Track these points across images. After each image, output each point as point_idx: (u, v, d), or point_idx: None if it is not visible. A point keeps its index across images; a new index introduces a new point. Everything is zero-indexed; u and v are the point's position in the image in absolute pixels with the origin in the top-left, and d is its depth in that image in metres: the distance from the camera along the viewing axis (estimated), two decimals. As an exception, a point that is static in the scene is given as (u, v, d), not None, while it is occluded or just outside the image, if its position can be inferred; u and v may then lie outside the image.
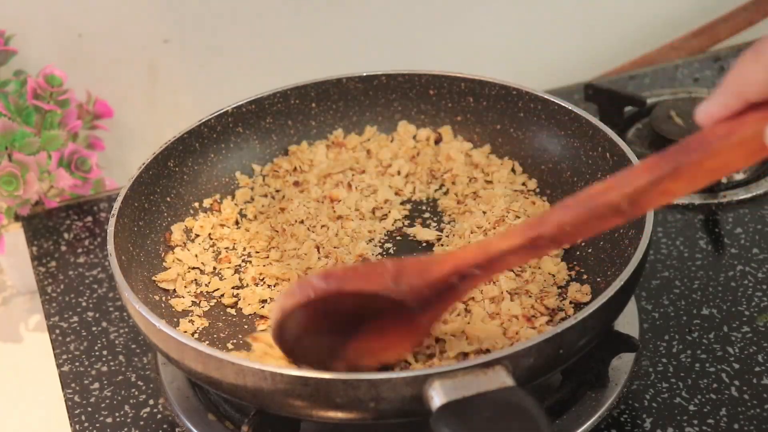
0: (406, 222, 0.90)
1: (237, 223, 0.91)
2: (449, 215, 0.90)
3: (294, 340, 0.70)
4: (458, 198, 0.91)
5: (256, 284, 0.84)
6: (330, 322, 0.68)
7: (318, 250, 0.85)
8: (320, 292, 0.66)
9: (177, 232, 0.88)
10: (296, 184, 0.93)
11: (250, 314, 0.82)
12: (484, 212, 0.88)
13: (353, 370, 0.69)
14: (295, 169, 0.95)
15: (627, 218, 0.62)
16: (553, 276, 0.82)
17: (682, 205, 0.98)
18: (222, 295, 0.83)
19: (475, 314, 0.76)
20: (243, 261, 0.87)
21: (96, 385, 0.85)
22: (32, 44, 1.12)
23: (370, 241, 0.87)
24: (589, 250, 0.84)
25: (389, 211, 0.90)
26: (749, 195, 0.99)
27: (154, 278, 0.83)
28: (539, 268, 0.83)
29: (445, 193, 0.93)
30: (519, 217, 0.86)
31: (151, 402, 0.83)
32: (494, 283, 0.79)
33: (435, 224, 0.89)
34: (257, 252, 0.87)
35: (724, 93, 0.59)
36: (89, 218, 1.05)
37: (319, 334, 0.69)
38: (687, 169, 0.59)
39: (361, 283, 0.67)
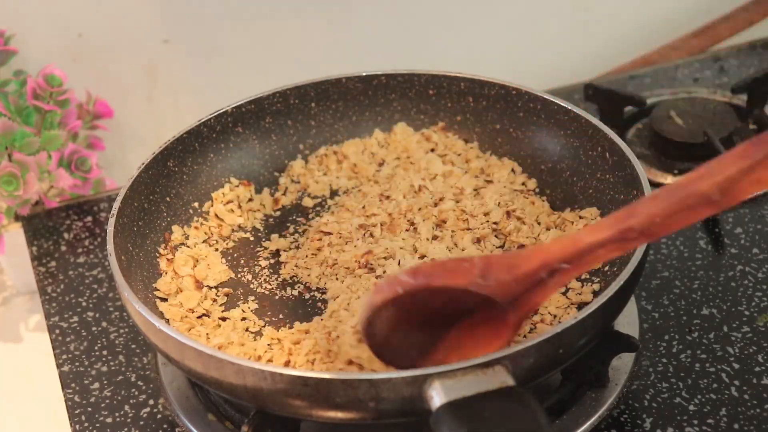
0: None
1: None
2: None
3: (383, 337, 0.68)
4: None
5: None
6: (418, 320, 0.67)
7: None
8: (409, 287, 0.65)
9: (177, 232, 0.88)
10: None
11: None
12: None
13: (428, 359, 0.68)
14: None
15: (719, 209, 0.61)
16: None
17: (682, 205, 0.98)
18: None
19: None
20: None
21: (96, 385, 0.85)
22: (32, 44, 1.12)
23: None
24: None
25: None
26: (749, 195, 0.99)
27: (154, 284, 0.83)
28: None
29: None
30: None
31: (151, 402, 0.83)
32: None
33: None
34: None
35: None
36: (89, 218, 1.05)
37: (408, 332, 0.68)
38: None
39: (449, 279, 0.65)
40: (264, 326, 0.80)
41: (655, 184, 1.01)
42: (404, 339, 0.69)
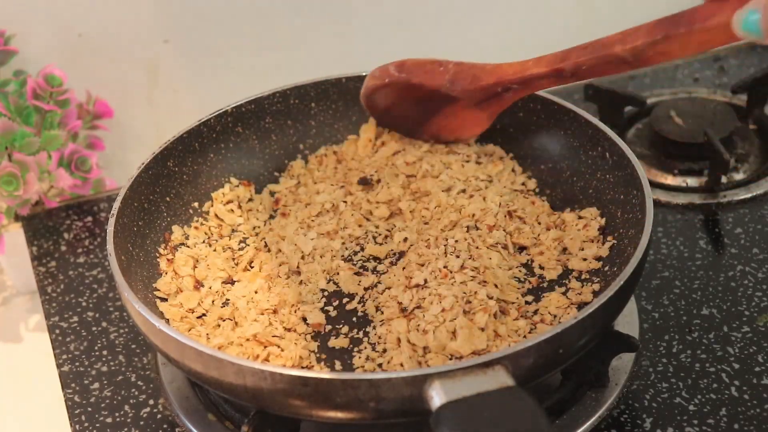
0: None
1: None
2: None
3: (382, 109, 0.92)
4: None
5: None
6: (411, 98, 0.89)
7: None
8: (393, 78, 0.88)
9: (177, 232, 0.88)
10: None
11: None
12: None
13: (436, 140, 0.92)
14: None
15: (634, 68, 0.76)
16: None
17: (682, 205, 0.99)
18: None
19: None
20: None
21: (96, 385, 0.85)
22: (32, 44, 1.12)
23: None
24: (589, 250, 0.84)
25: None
26: (749, 195, 0.99)
27: (154, 284, 0.83)
28: (542, 268, 0.83)
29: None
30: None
31: (151, 402, 0.83)
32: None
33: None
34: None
35: None
36: (89, 218, 1.05)
37: (404, 107, 0.90)
38: (676, 38, 0.72)
39: (425, 78, 0.87)
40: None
41: (655, 184, 1.01)
42: (401, 111, 0.91)
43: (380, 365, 0.74)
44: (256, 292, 0.82)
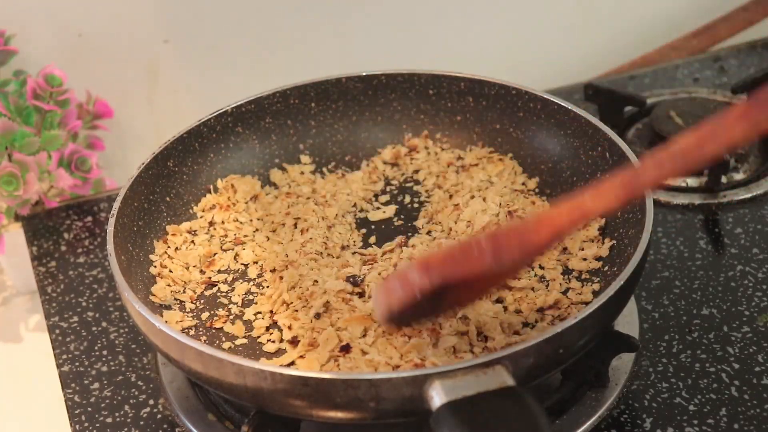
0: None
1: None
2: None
3: (400, 321, 0.70)
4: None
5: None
6: (443, 296, 0.68)
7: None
8: (426, 290, 0.66)
9: (176, 232, 0.88)
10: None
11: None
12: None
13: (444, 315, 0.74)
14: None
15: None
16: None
17: (682, 205, 0.99)
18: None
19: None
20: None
21: (96, 385, 0.85)
22: (32, 44, 1.12)
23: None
24: (589, 250, 0.84)
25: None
26: (749, 195, 0.99)
27: (152, 287, 0.83)
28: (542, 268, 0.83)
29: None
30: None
31: (151, 402, 0.83)
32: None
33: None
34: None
35: None
36: (89, 218, 1.05)
37: (423, 308, 0.69)
38: None
39: (463, 269, 0.66)
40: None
41: (655, 184, 1.01)
42: (420, 312, 0.69)
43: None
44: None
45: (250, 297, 0.83)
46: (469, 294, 0.70)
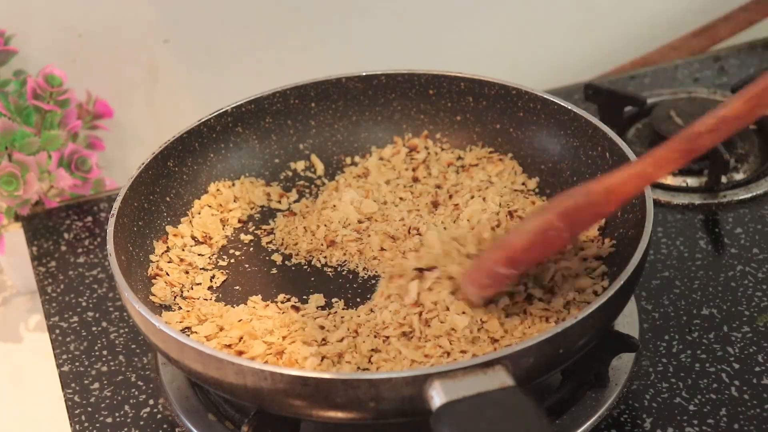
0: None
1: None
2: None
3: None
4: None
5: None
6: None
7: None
8: (515, 278, 0.74)
9: (175, 233, 0.88)
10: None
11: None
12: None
13: None
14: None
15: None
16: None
17: (682, 205, 0.98)
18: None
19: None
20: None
21: (96, 385, 0.85)
22: (32, 44, 1.12)
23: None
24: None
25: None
26: (749, 195, 0.99)
27: (151, 288, 0.83)
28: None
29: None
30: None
31: (151, 402, 0.83)
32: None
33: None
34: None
35: None
36: (89, 218, 1.05)
37: None
38: None
39: (545, 253, 0.74)
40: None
41: (655, 184, 1.01)
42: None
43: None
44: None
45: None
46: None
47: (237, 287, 0.85)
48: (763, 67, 1.13)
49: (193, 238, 0.89)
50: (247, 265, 0.87)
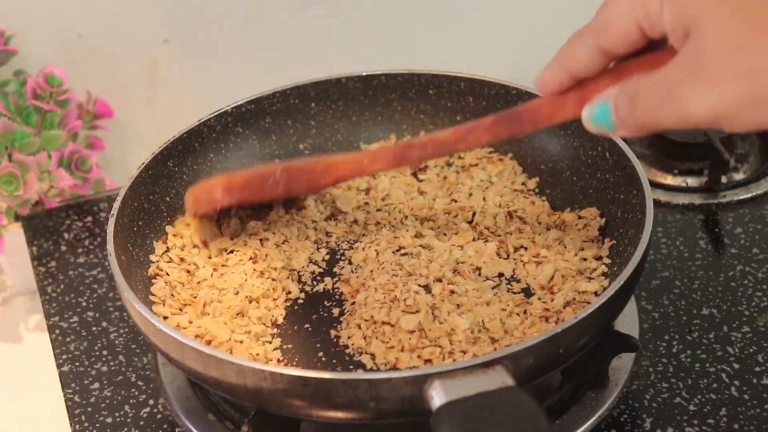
0: None
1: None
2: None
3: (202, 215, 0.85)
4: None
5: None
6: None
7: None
8: (224, 204, 0.83)
9: (175, 233, 0.88)
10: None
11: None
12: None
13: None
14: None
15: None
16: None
17: (682, 205, 0.99)
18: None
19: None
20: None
21: (96, 385, 0.85)
22: (32, 44, 1.12)
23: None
24: (589, 250, 0.84)
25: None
26: (749, 195, 0.99)
27: (151, 288, 0.83)
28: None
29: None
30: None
31: (151, 402, 0.83)
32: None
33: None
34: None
35: (554, 66, 0.66)
36: (89, 218, 1.05)
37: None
38: (520, 134, 0.72)
39: (259, 195, 0.83)
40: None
41: (655, 184, 1.01)
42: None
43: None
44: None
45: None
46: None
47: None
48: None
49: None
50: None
